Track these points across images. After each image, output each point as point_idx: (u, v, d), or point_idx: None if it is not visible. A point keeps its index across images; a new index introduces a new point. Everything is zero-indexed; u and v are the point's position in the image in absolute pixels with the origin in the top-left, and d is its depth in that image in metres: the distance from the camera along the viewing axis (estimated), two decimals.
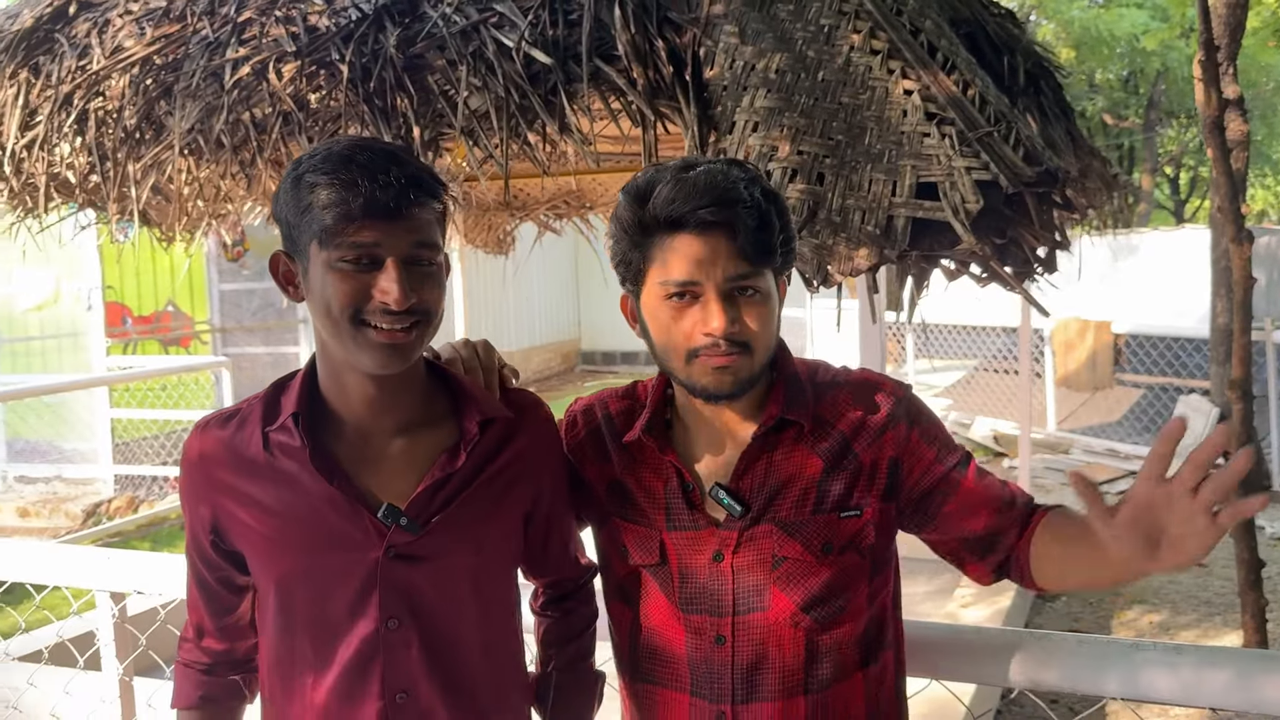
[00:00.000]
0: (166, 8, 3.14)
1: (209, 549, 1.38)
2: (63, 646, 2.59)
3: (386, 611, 1.31)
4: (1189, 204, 21.47)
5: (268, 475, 1.32)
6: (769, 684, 1.37)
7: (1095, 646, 1.51)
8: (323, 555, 1.31)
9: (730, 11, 2.50)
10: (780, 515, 1.37)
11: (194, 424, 1.39)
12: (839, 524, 1.37)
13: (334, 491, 1.29)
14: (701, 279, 1.30)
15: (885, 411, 1.40)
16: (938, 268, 2.32)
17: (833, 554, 1.36)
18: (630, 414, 1.49)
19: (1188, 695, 1.46)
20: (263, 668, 1.41)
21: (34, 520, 7.67)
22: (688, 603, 1.40)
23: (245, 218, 4.25)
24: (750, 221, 1.29)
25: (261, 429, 1.32)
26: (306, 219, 1.21)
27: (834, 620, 1.38)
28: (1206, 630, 4.89)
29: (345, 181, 1.18)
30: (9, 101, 3.23)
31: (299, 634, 1.34)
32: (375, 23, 2.77)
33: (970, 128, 2.19)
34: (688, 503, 1.40)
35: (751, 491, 1.38)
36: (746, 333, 1.31)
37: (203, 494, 1.35)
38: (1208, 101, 4.29)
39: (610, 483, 1.47)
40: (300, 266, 1.27)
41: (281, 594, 1.33)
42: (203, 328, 9.89)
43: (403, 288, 1.20)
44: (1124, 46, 14.77)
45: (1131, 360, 10.00)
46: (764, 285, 1.33)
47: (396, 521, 1.29)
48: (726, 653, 1.38)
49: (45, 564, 2.21)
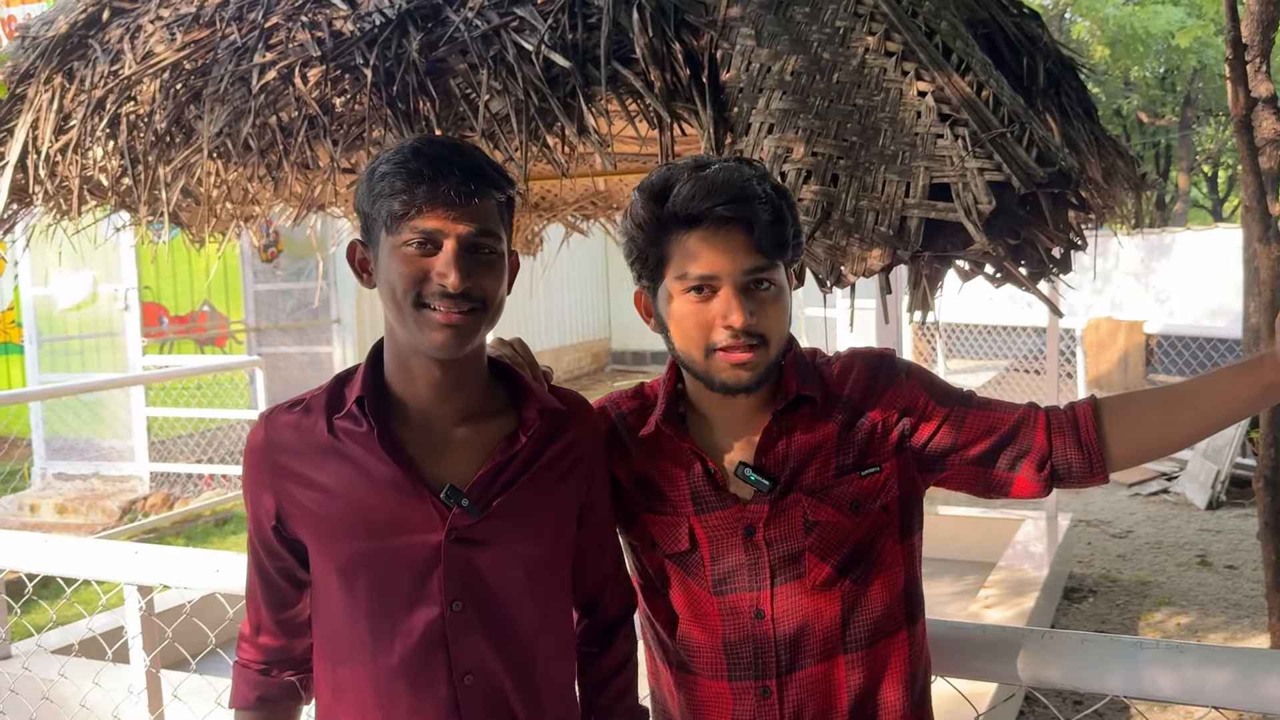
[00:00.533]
0: (196, 14, 3.20)
1: (272, 537, 1.41)
2: (93, 640, 2.65)
3: (450, 594, 1.35)
4: (1227, 203, 21.19)
5: (332, 461, 1.36)
6: (811, 648, 1.43)
7: (1098, 645, 1.52)
8: (386, 539, 1.34)
9: (747, 14, 2.52)
10: (806, 484, 1.44)
11: (258, 416, 1.44)
12: (862, 482, 1.44)
13: (399, 474, 1.34)
14: (719, 273, 1.36)
15: (882, 372, 1.48)
16: (952, 268, 2.32)
17: (860, 511, 1.43)
18: (642, 412, 1.54)
19: (1190, 693, 1.47)
20: (319, 660, 1.44)
21: (71, 517, 7.81)
22: (720, 583, 1.45)
23: (275, 220, 4.32)
24: (765, 216, 1.35)
25: (326, 416, 1.37)
26: (376, 207, 1.30)
27: (868, 578, 1.44)
28: (1234, 633, 4.85)
29: (412, 171, 1.26)
30: (44, 106, 3.31)
31: (360, 620, 1.37)
32: (398, 27, 2.81)
33: (983, 129, 2.19)
34: (713, 485, 1.45)
35: (775, 466, 1.44)
36: (764, 325, 1.37)
37: (266, 481, 1.39)
38: (1235, 100, 4.26)
39: (633, 477, 1.52)
40: (372, 254, 1.35)
41: (344, 579, 1.36)
42: (238, 327, 10.02)
43: (459, 271, 1.27)
44: (1159, 44, 14.61)
45: (1164, 361, 9.89)
46: (778, 278, 1.39)
47: (458, 503, 1.34)
48: (767, 626, 1.43)
49: (75, 558, 2.27)
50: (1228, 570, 5.77)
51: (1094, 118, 3.41)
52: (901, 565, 1.46)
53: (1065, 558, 5.53)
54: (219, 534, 7.28)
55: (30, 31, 3.56)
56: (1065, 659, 1.52)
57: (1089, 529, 6.55)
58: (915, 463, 1.47)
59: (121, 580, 2.22)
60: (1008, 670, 1.56)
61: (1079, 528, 6.44)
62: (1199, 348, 9.47)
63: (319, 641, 1.43)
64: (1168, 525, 6.68)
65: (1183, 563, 5.93)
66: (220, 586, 2.10)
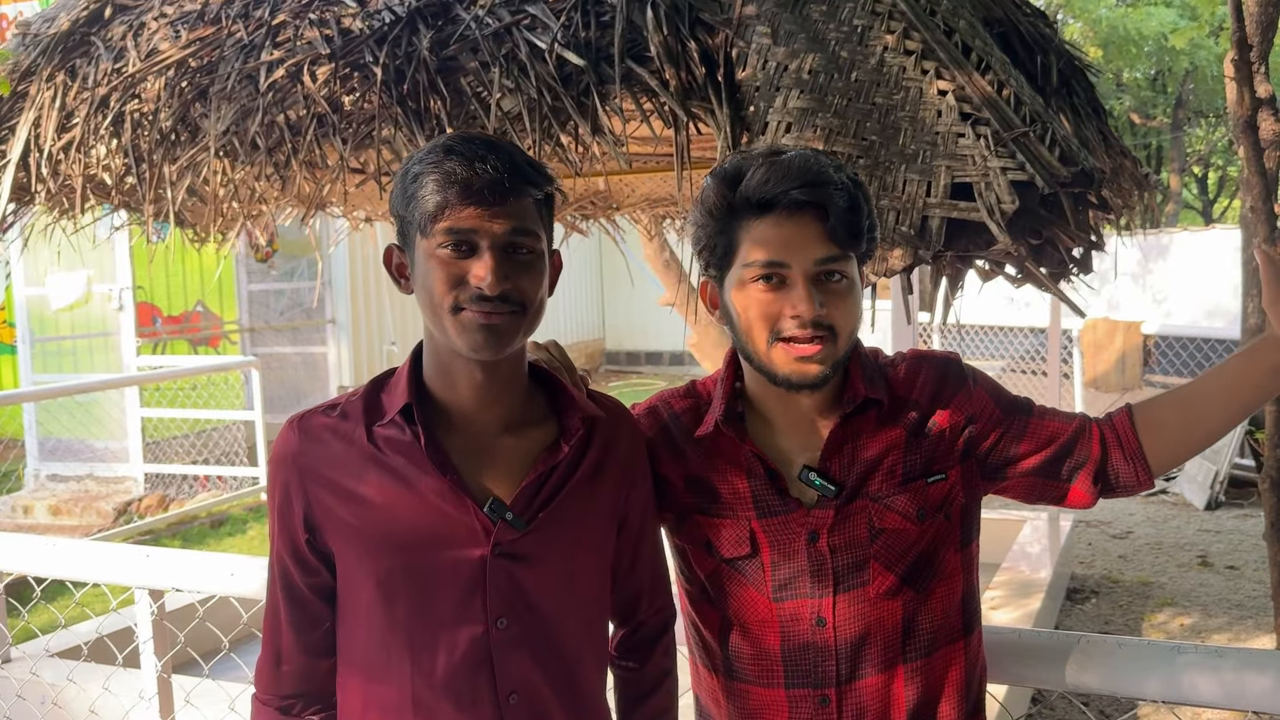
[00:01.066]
0: (201, 11, 3.16)
1: (306, 551, 1.34)
2: (101, 643, 2.62)
3: (495, 612, 1.30)
4: (1217, 204, 21.26)
5: (372, 470, 1.30)
6: (872, 657, 1.39)
7: (1135, 649, 1.51)
8: (428, 552, 1.29)
9: (763, 12, 2.50)
10: (872, 490, 1.40)
11: (285, 422, 1.37)
12: (928, 489, 1.40)
13: (444, 485, 1.28)
14: (790, 261, 1.31)
15: (950, 377, 1.45)
16: (972, 268, 2.31)
17: (927, 519, 1.40)
18: (695, 411, 1.49)
19: (1230, 698, 1.45)
20: (347, 678, 1.37)
21: (66, 518, 7.76)
22: (781, 589, 1.41)
23: (280, 219, 4.29)
24: (841, 203, 1.31)
25: (365, 423, 1.32)
26: (410, 210, 1.25)
27: (929, 586, 1.41)
28: (1238, 633, 4.85)
29: (445, 170, 1.22)
30: (46, 104, 3.27)
31: (398, 636, 1.31)
32: (409, 25, 2.79)
33: (1005, 128, 2.18)
34: (775, 489, 1.41)
35: (840, 471, 1.40)
36: (833, 318, 1.32)
37: (298, 491, 1.33)
38: (1240, 101, 4.26)
39: (688, 479, 1.47)
40: (409, 258, 1.30)
41: (383, 593, 1.30)
42: (231, 328, 9.97)
43: (496, 273, 1.22)
44: (1152, 45, 14.64)
45: (1161, 361, 9.91)
46: (850, 271, 1.35)
47: (502, 517, 1.29)
48: (828, 634, 1.39)
49: (85, 561, 2.24)
50: (1229, 571, 5.77)
51: (1102, 118, 3.41)
52: (960, 574, 1.44)
53: (1067, 559, 5.53)
54: (215, 536, 7.23)
55: (32, 29, 3.52)
56: (1103, 664, 1.50)
57: (1089, 530, 6.55)
58: (979, 470, 1.45)
59: (134, 584, 2.19)
60: (1043, 675, 1.54)
61: (1079, 528, 6.44)
62: (1196, 348, 9.50)
63: (348, 660, 1.37)
64: (1167, 526, 6.69)
65: (1183, 563, 5.94)
66: (234, 591, 2.08)
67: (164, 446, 8.45)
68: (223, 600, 2.29)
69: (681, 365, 14.72)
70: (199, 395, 8.63)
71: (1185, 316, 10.15)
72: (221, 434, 8.54)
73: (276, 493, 1.36)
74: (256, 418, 7.78)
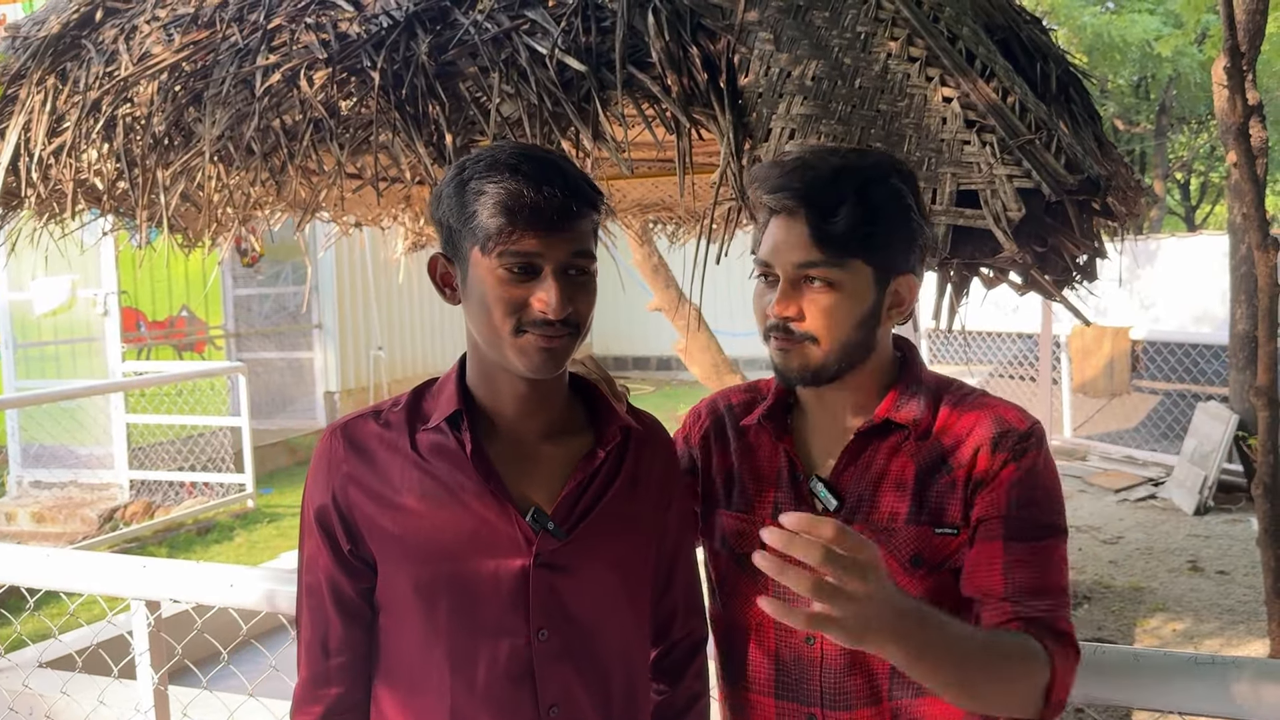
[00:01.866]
0: (195, 14, 3.13)
1: (351, 559, 1.32)
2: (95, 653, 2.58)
3: (536, 623, 1.29)
4: (1199, 210, 21.40)
5: (415, 478, 1.30)
6: (858, 688, 1.36)
7: (1154, 660, 1.50)
8: (471, 561, 1.28)
9: (765, 18, 2.49)
10: (872, 518, 1.36)
11: (325, 429, 1.36)
12: (933, 539, 1.33)
13: (488, 493, 1.28)
14: (774, 262, 1.33)
15: (992, 434, 1.34)
16: (977, 275, 2.30)
17: (923, 569, 1.33)
18: (750, 405, 1.51)
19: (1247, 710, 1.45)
20: (383, 689, 1.35)
21: (50, 525, 7.68)
22: (781, 593, 1.39)
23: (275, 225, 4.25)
24: (828, 207, 1.28)
25: (409, 431, 1.31)
26: (470, 225, 1.22)
27: None
28: (1230, 639, 4.87)
29: (511, 191, 1.19)
30: (36, 108, 3.23)
31: (439, 646, 1.30)
32: (407, 30, 2.76)
33: (1011, 135, 2.17)
34: (794, 492, 1.40)
35: (851, 487, 1.38)
36: (809, 323, 1.31)
37: (340, 497, 1.31)
38: (1232, 108, 4.28)
39: (727, 472, 1.48)
40: (459, 270, 1.28)
41: (423, 602, 1.29)
42: (216, 333, 9.90)
43: (561, 299, 1.21)
44: (1135, 52, 14.72)
45: (1149, 366, 9.96)
46: (835, 276, 1.31)
47: (544, 527, 1.28)
48: (816, 653, 1.37)
49: (81, 572, 2.20)
50: (1219, 576, 5.79)
51: (1099, 125, 3.41)
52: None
53: None
54: (202, 543, 7.17)
55: (21, 31, 3.48)
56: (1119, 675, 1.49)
57: (1079, 535, 6.56)
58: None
59: (130, 596, 2.16)
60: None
61: (1069, 534, 6.44)
62: (1184, 354, 9.55)
63: (386, 671, 1.35)
64: (1157, 531, 6.71)
65: (1174, 568, 5.95)
66: (234, 602, 2.05)
67: (149, 453, 8.39)
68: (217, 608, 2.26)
69: (670, 370, 14.72)
70: (184, 401, 8.57)
71: (1173, 322, 10.20)
72: (208, 440, 8.48)
73: (314, 501, 1.34)
74: (243, 423, 7.74)
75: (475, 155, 1.25)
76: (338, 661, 1.35)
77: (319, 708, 1.35)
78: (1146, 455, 8.41)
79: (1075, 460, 8.50)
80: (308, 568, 1.36)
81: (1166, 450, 8.38)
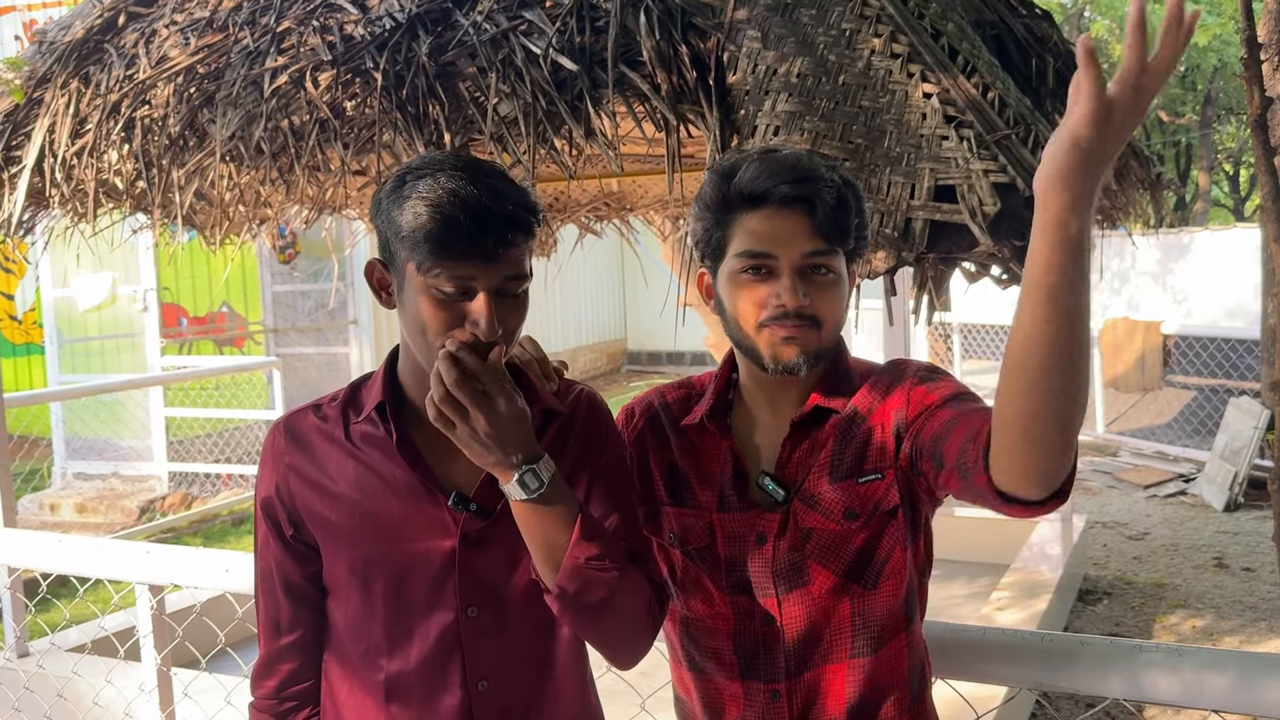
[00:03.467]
0: (209, 18, 3.23)
1: (294, 544, 1.40)
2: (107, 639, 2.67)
3: (465, 599, 1.35)
4: (1249, 201, 21.01)
5: (349, 465, 1.37)
6: (821, 653, 1.42)
7: (1097, 648, 1.52)
8: (401, 543, 1.35)
9: (753, 17, 2.53)
10: (804, 490, 1.42)
11: (273, 423, 1.43)
12: (858, 489, 1.40)
13: (414, 479, 1.34)
14: (778, 253, 1.36)
15: (898, 376, 1.44)
16: (958, 270, 2.32)
17: (859, 520, 1.40)
18: (686, 401, 1.55)
19: (1190, 697, 1.47)
20: (328, 664, 1.43)
21: (91, 516, 7.88)
22: (734, 587, 1.45)
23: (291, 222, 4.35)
24: (829, 199, 1.35)
25: (343, 421, 1.38)
26: (407, 241, 1.24)
27: (875, 585, 1.42)
28: (1250, 635, 4.82)
29: (447, 217, 1.20)
30: (60, 110, 3.34)
31: (375, 624, 1.37)
32: (408, 31, 2.83)
33: (989, 130, 2.19)
34: (738, 488, 1.45)
35: (794, 477, 1.43)
36: (817, 309, 1.37)
37: (284, 488, 1.39)
38: (1250, 100, 4.24)
39: (668, 468, 1.52)
40: (395, 278, 1.31)
41: (360, 583, 1.37)
42: (256, 328, 10.08)
43: (491, 321, 1.24)
44: None
45: (1181, 361, 9.83)
46: (837, 266, 1.39)
47: (466, 509, 1.34)
48: (775, 632, 1.43)
49: (88, 558, 2.30)
50: (1245, 573, 5.73)
51: None
52: (906, 571, 1.44)
53: (1080, 560, 5.50)
54: (236, 533, 7.32)
55: (47, 37, 3.60)
56: (1064, 663, 1.52)
57: (1104, 531, 6.51)
58: (915, 468, 1.39)
59: (133, 580, 2.24)
60: (1007, 673, 1.56)
61: (1094, 529, 6.41)
62: (1216, 348, 9.41)
63: (332, 646, 1.43)
64: (1185, 527, 6.64)
65: (1199, 565, 5.89)
66: (229, 586, 2.13)
67: (187, 445, 8.57)
68: (221, 599, 2.34)
69: (703, 365, 14.73)
70: (222, 395, 8.74)
71: (1205, 316, 10.05)
72: (244, 433, 8.65)
73: (262, 492, 1.42)
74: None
75: (417, 168, 1.25)
76: (288, 640, 1.44)
77: (273, 681, 1.45)
78: (1178, 451, 8.32)
79: (1106, 456, 8.42)
80: (260, 554, 1.45)
81: (1199, 446, 8.27)
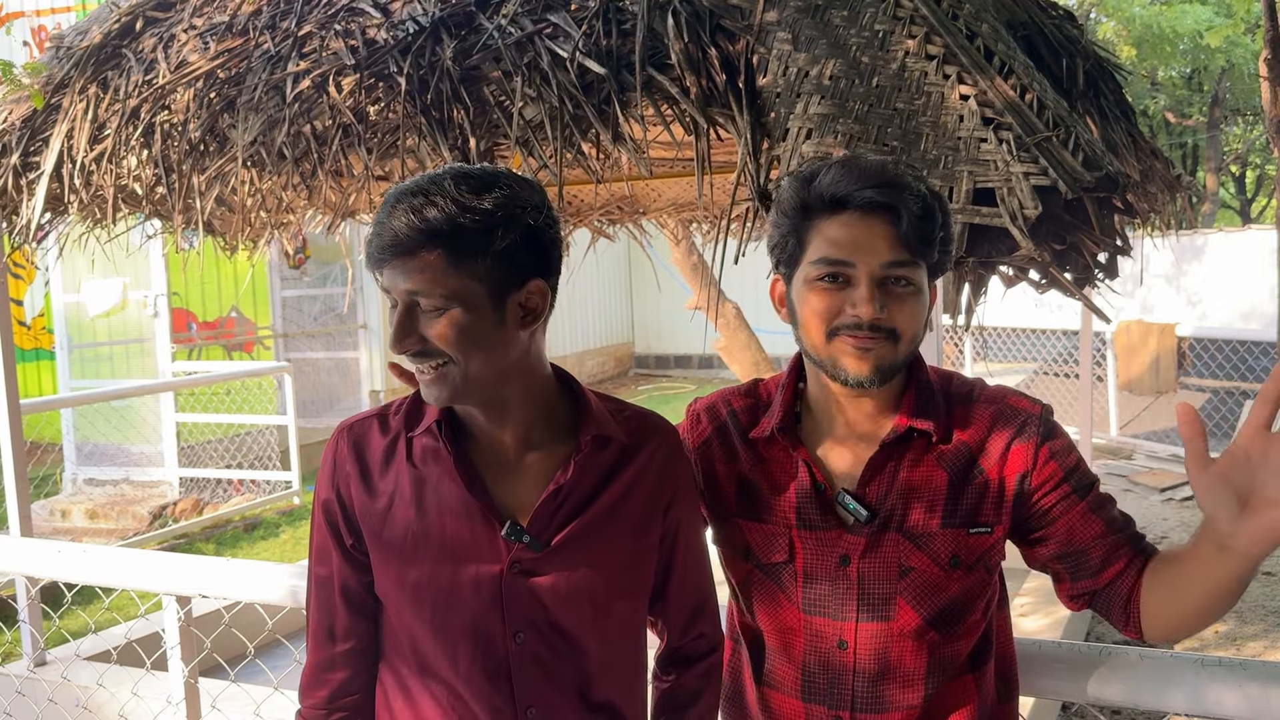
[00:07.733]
0: (229, 23, 3.20)
1: (353, 552, 1.37)
2: (130, 648, 2.65)
3: (513, 625, 1.31)
4: (1255, 203, 20.97)
5: (408, 478, 1.33)
6: (892, 696, 1.37)
7: (1160, 662, 1.49)
8: (453, 564, 1.31)
9: (783, 19, 2.50)
10: (906, 525, 1.36)
11: (334, 429, 1.40)
12: (968, 540, 1.36)
13: (470, 500, 1.30)
14: (856, 261, 1.30)
15: (1016, 426, 1.38)
16: (996, 274, 2.29)
17: (961, 569, 1.36)
18: (753, 411, 1.49)
19: (1256, 711, 1.43)
20: (384, 673, 1.40)
21: (102, 522, 7.86)
22: (810, 605, 1.40)
23: (308, 228, 4.33)
24: (914, 208, 1.28)
25: (406, 432, 1.35)
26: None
27: (957, 635, 1.37)
28: (1274, 640, 4.78)
29: (377, 222, 1.22)
30: (78, 116, 3.32)
31: (424, 643, 1.33)
32: (432, 35, 2.80)
33: (1028, 133, 2.16)
34: (819, 502, 1.39)
35: (878, 499, 1.37)
36: (895, 321, 1.30)
37: (343, 493, 1.36)
38: (1274, 100, 4.21)
39: (739, 480, 1.46)
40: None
41: (410, 599, 1.33)
42: (265, 333, 10.06)
43: (401, 332, 1.23)
44: (1186, 43, 14.47)
45: (1196, 364, 9.78)
46: (918, 278, 1.32)
47: (520, 540, 1.30)
48: (849, 658, 1.38)
49: (116, 568, 2.27)
50: (1266, 577, 5.68)
51: (1131, 120, 3.37)
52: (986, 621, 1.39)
53: None
54: (249, 539, 7.30)
55: (64, 41, 3.58)
56: (1126, 676, 1.49)
57: None
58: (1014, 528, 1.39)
59: (160, 591, 2.22)
60: (1066, 688, 1.53)
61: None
62: (1231, 350, 9.36)
63: (388, 655, 1.40)
64: None
65: None
66: (259, 597, 2.10)
67: (198, 451, 8.55)
68: (248, 606, 2.31)
69: (710, 369, 14.70)
70: (233, 400, 8.72)
71: (1220, 318, 10.01)
72: (255, 438, 8.63)
73: (321, 493, 1.38)
74: (289, 422, 7.87)
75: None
76: (343, 648, 1.40)
77: (324, 691, 1.41)
78: None
79: (1121, 459, 8.38)
80: (317, 559, 1.41)
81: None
